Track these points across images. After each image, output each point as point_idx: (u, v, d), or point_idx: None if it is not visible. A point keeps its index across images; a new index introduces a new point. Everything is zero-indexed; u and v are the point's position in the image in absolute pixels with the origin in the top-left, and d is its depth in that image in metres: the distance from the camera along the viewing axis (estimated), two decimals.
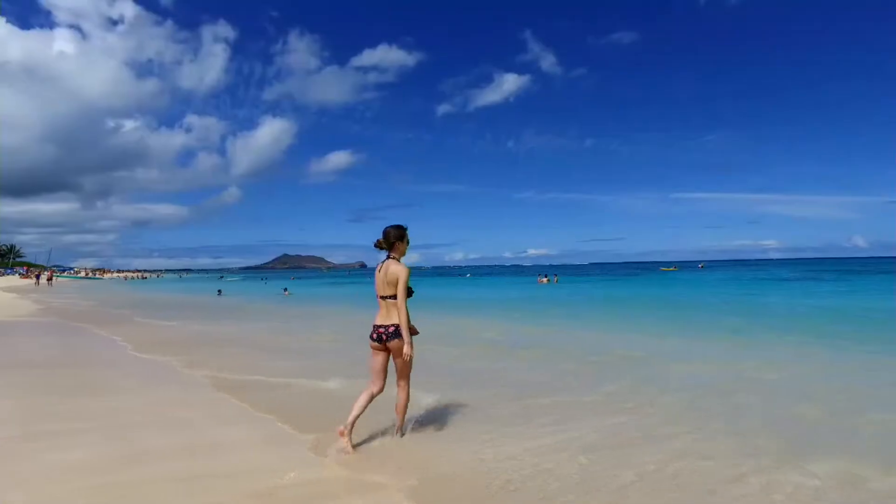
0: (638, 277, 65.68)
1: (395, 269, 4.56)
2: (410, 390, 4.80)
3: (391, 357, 4.68)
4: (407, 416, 4.91)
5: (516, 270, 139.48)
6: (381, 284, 4.63)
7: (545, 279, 54.39)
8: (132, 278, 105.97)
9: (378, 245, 4.70)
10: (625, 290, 36.93)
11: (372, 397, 4.67)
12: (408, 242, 4.75)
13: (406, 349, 4.49)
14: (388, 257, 4.67)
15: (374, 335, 4.65)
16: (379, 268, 4.69)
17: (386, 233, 4.70)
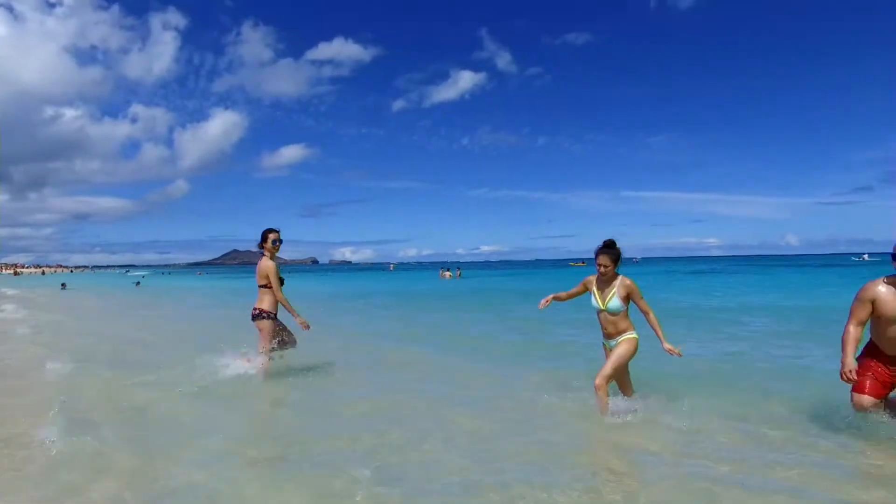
0: (546, 272, 66.31)
1: (263, 265, 5.92)
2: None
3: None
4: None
5: (454, 265, 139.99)
6: (258, 276, 5.97)
7: (447, 274, 53.99)
8: (21, 273, 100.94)
9: (258, 245, 6.00)
10: (503, 284, 36.74)
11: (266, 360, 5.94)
12: (273, 242, 5.91)
13: (300, 321, 5.88)
14: (262, 255, 5.98)
15: (252, 314, 5.97)
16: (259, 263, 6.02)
17: (261, 234, 5.96)
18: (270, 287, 5.87)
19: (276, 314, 5.96)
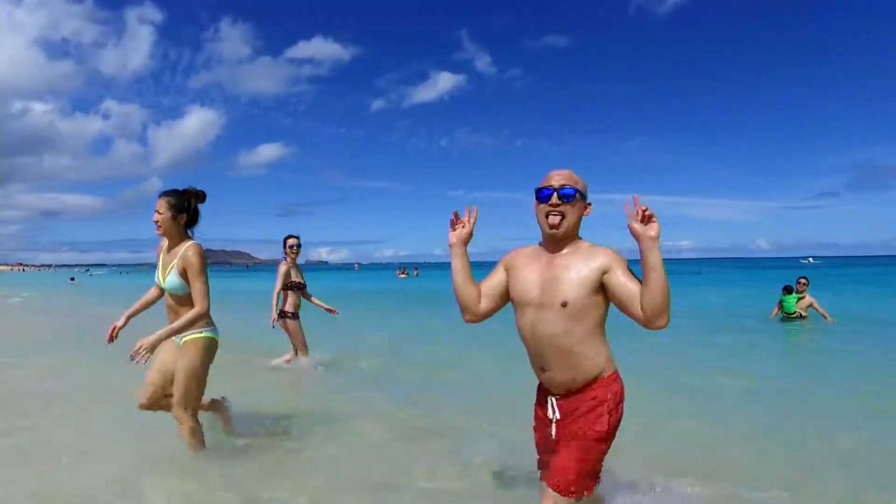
0: None
1: (279, 268, 6.42)
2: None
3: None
4: None
5: (411, 265, 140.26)
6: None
7: (404, 273, 54.12)
8: None
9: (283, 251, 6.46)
10: (449, 286, 36.89)
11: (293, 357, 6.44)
12: (290, 247, 6.39)
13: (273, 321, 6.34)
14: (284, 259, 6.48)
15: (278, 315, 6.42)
16: None
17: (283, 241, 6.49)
18: (289, 289, 6.37)
19: (296, 314, 6.43)
